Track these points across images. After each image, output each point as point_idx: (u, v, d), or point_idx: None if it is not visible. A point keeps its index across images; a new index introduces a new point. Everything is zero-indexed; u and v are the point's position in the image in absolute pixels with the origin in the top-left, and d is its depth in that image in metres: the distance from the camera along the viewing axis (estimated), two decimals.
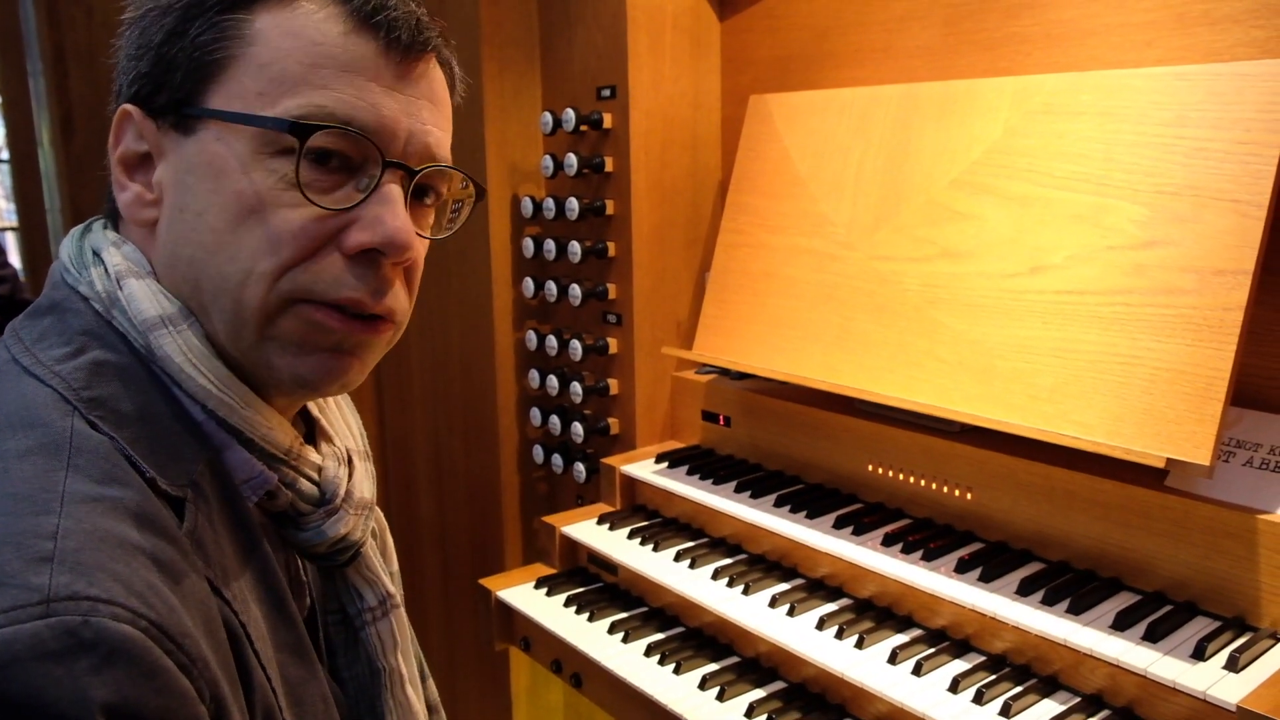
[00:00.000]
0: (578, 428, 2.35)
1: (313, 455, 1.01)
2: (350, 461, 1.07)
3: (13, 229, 4.37)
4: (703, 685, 1.65)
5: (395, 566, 1.22)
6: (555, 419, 2.42)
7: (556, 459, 2.43)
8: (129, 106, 0.94)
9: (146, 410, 0.88)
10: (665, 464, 2.16)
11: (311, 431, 1.10)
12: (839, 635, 1.60)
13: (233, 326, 0.92)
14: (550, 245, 2.34)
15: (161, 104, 0.93)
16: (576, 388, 2.33)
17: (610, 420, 2.32)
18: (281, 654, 0.93)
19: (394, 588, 1.14)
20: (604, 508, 2.21)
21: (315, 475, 1.01)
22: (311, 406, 1.11)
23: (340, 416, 1.15)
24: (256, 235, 0.90)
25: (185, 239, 0.92)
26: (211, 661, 0.78)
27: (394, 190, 0.94)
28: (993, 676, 1.46)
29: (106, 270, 0.93)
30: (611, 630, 1.84)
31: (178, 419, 0.90)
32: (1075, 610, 1.45)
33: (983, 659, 1.52)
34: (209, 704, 0.76)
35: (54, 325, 0.91)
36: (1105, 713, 1.38)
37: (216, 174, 0.90)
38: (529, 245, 2.41)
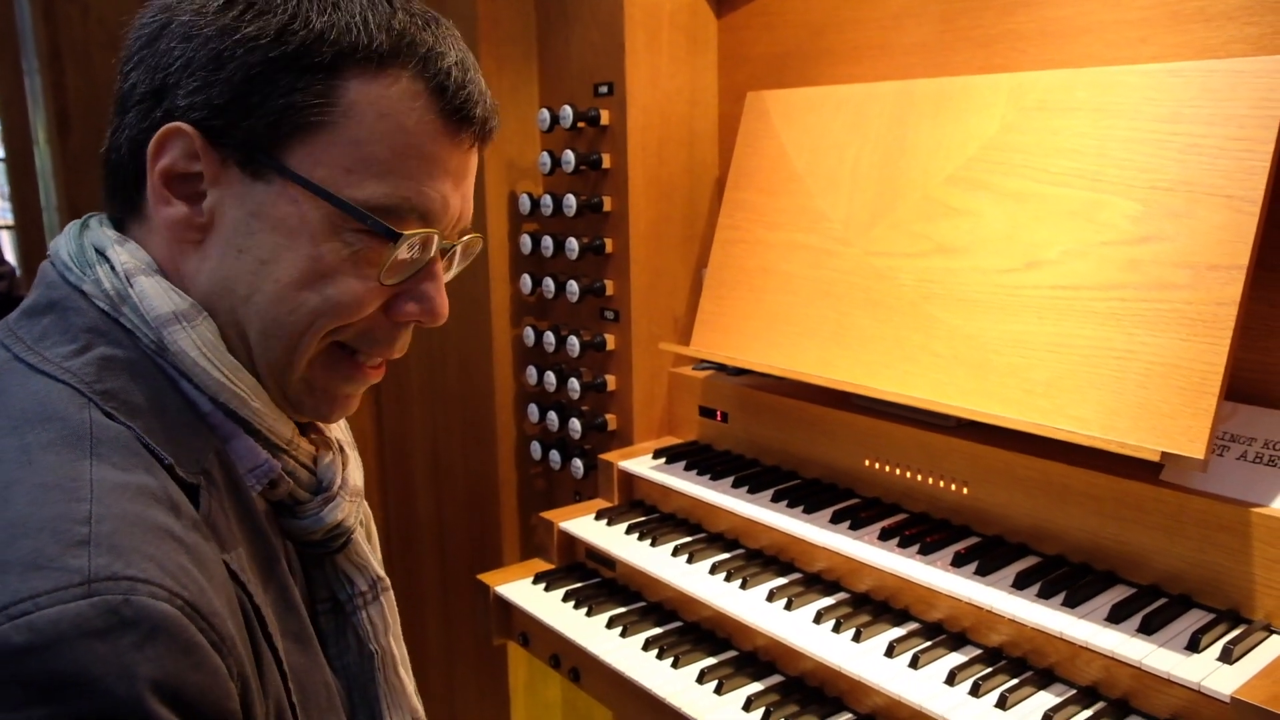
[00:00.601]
0: (575, 424, 2.35)
1: (308, 446, 1.05)
2: (342, 450, 1.12)
3: (9, 227, 4.37)
4: (701, 679, 1.66)
5: (379, 554, 1.24)
6: (553, 415, 2.42)
7: (554, 455, 2.44)
8: (185, 126, 0.91)
9: (156, 402, 0.90)
10: (663, 460, 2.16)
11: (302, 425, 1.12)
12: (836, 629, 1.60)
13: (280, 368, 0.97)
14: (548, 242, 2.35)
15: (233, 142, 0.92)
16: (574, 384, 2.34)
17: (608, 416, 2.33)
18: (286, 640, 0.95)
19: (382, 571, 1.17)
20: (602, 503, 2.21)
21: (312, 464, 1.05)
22: None
23: None
24: (322, 298, 0.95)
25: (242, 279, 0.94)
26: (237, 641, 0.81)
27: (439, 269, 1.02)
28: (989, 669, 1.47)
29: (114, 268, 0.93)
30: (610, 625, 1.85)
31: (186, 411, 0.92)
32: (1071, 603, 1.46)
33: (979, 652, 1.53)
34: (236, 681, 0.79)
35: (55, 324, 0.92)
36: (1101, 704, 1.39)
37: (289, 232, 0.93)
38: (526, 242, 2.41)
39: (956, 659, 1.52)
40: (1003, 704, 1.39)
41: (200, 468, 0.89)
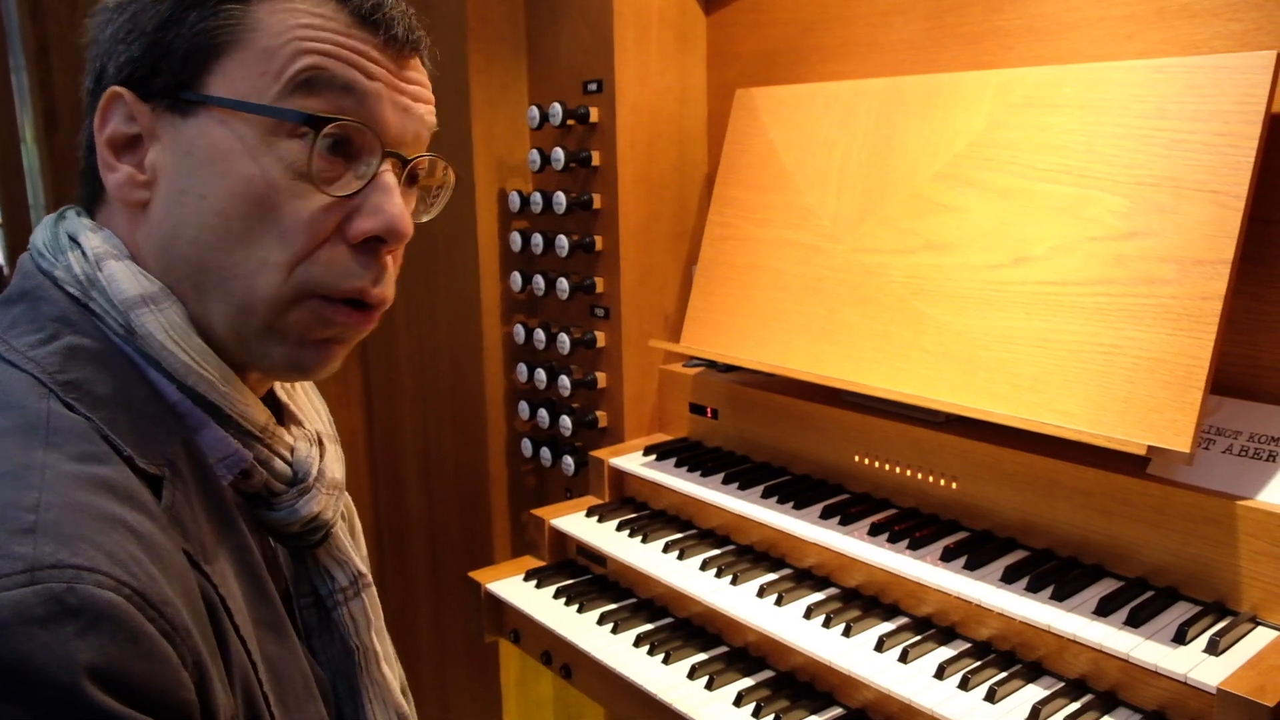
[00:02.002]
0: (566, 421, 2.36)
1: (286, 435, 1.03)
2: (321, 443, 1.10)
3: None
4: (692, 674, 1.66)
5: (364, 550, 1.23)
6: (543, 412, 2.42)
7: (545, 452, 2.44)
8: (120, 89, 0.94)
9: (122, 393, 0.89)
10: (653, 456, 2.17)
11: (279, 416, 1.11)
12: (826, 624, 1.61)
13: (239, 312, 0.94)
14: (537, 239, 2.35)
15: (157, 88, 0.93)
16: (564, 381, 2.34)
17: (598, 413, 2.33)
18: (260, 630, 0.94)
19: (365, 567, 1.15)
20: (592, 500, 2.22)
21: (288, 455, 1.03)
22: (279, 391, 1.13)
23: (308, 402, 1.17)
24: (268, 224, 0.92)
25: (187, 221, 0.93)
26: (193, 630, 0.80)
27: (390, 179, 0.97)
28: (978, 663, 1.48)
29: (85, 254, 0.94)
30: (601, 621, 1.85)
31: (152, 401, 0.92)
32: (1059, 597, 1.47)
33: (968, 646, 1.54)
34: (191, 670, 0.78)
35: (26, 313, 0.92)
36: (1088, 697, 1.40)
37: (221, 158, 0.92)
38: (516, 239, 2.41)
39: (946, 653, 1.53)
40: (991, 697, 1.40)
41: (165, 458, 0.89)
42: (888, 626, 1.61)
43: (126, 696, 0.71)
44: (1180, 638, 1.35)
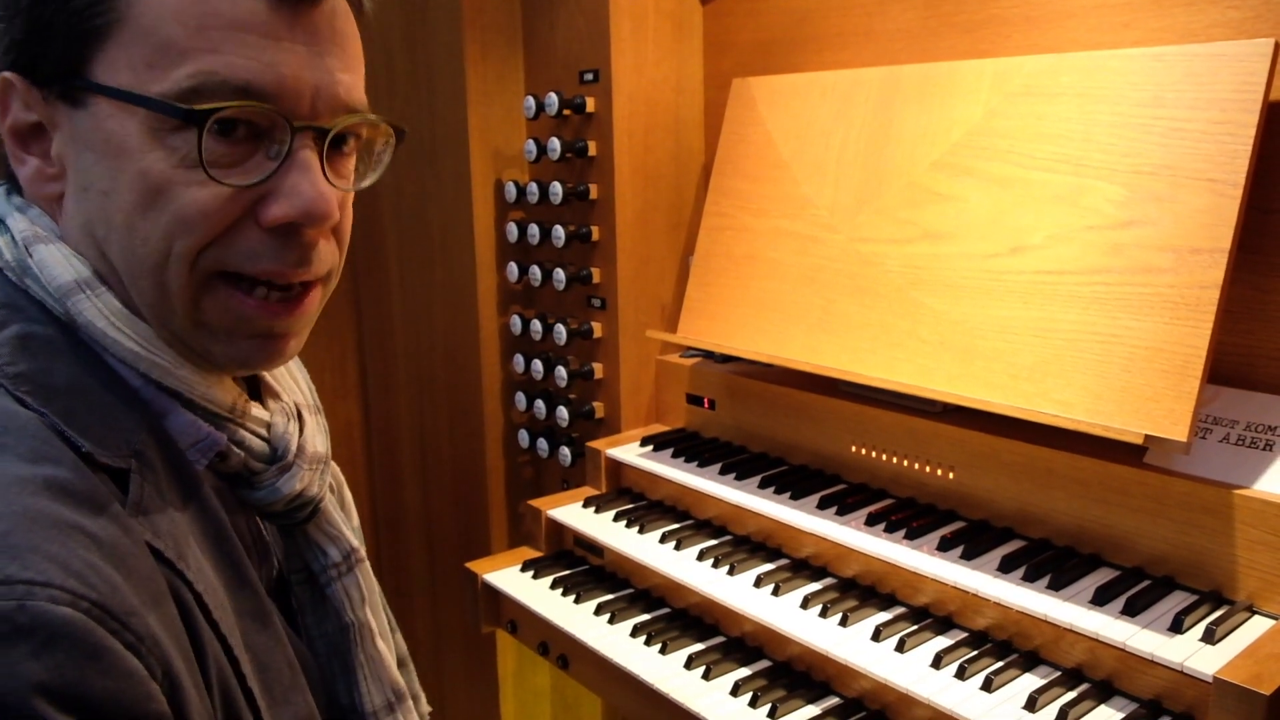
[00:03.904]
0: (563, 412, 2.35)
1: (259, 411, 0.98)
2: (300, 416, 1.05)
3: None
4: (689, 665, 1.66)
5: (356, 521, 1.20)
6: (540, 403, 2.42)
7: (542, 443, 2.44)
8: (9, 75, 0.87)
9: (77, 382, 0.85)
10: (650, 447, 2.17)
11: (256, 389, 1.06)
12: (823, 614, 1.61)
13: (159, 310, 0.89)
14: (534, 230, 2.34)
15: (45, 74, 0.86)
16: (561, 372, 2.34)
17: (595, 404, 2.33)
18: (243, 620, 0.90)
19: (357, 541, 1.12)
20: (589, 491, 2.22)
21: (264, 432, 0.98)
22: None
23: (286, 371, 1.11)
24: (167, 216, 0.85)
25: (95, 219, 0.88)
26: (161, 638, 0.76)
27: (307, 156, 0.89)
28: (975, 652, 1.48)
29: (14, 238, 0.89)
30: (598, 612, 1.85)
31: (112, 388, 0.87)
32: (1055, 586, 1.47)
33: (965, 635, 1.54)
34: (161, 680, 0.74)
35: None
36: (1085, 686, 1.40)
37: (115, 153, 0.85)
38: (513, 230, 2.41)
39: (943, 642, 1.53)
40: (988, 686, 1.40)
41: (131, 448, 0.84)
42: (884, 616, 1.60)
43: (88, 716, 0.68)
44: (1177, 627, 1.35)
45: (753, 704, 1.55)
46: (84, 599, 0.70)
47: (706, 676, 1.63)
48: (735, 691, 1.58)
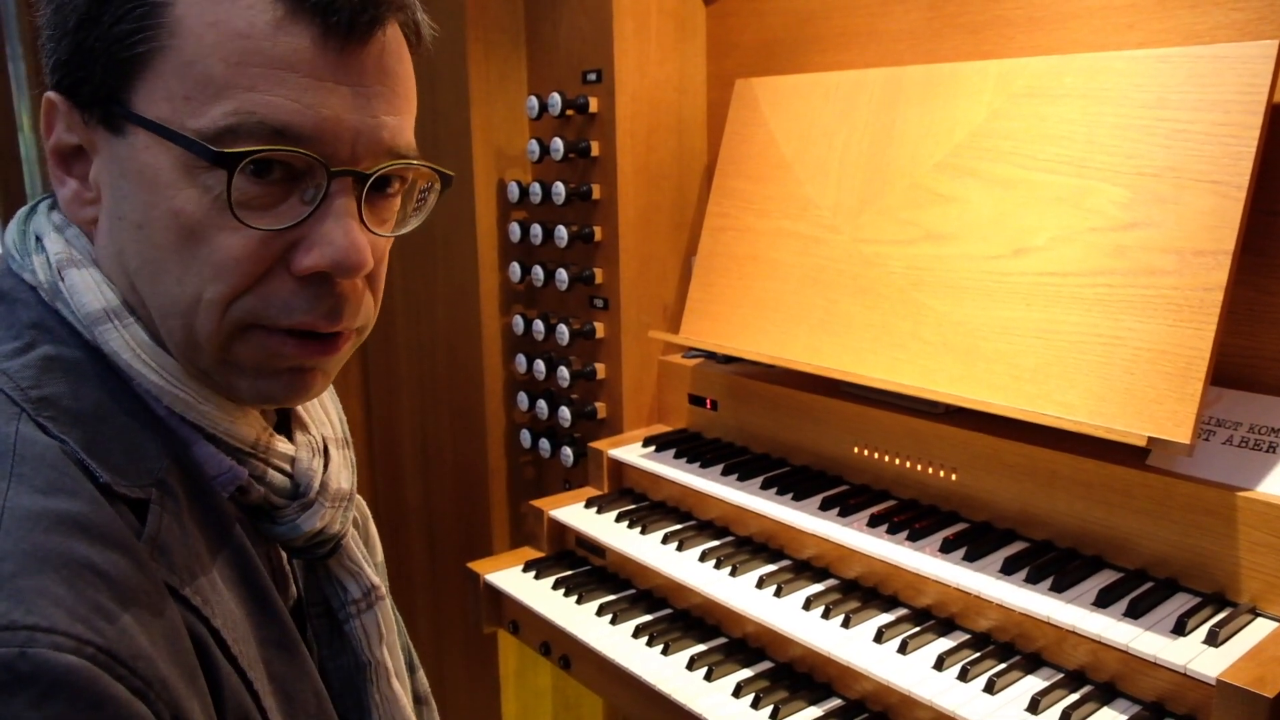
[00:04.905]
0: (565, 412, 2.35)
1: (283, 446, 0.96)
2: (326, 451, 1.02)
3: None
4: (691, 665, 1.66)
5: (380, 557, 1.18)
6: (542, 403, 2.42)
7: (544, 443, 2.44)
8: (54, 96, 0.86)
9: (101, 409, 0.83)
10: (652, 448, 2.16)
11: (285, 419, 1.03)
12: (825, 615, 1.61)
13: (187, 349, 0.87)
14: (536, 230, 2.34)
15: (87, 98, 0.84)
16: (563, 372, 2.34)
17: (597, 404, 2.33)
18: (267, 650, 0.89)
19: (379, 579, 1.10)
20: (591, 491, 2.22)
21: (287, 467, 0.96)
22: None
23: (319, 402, 1.09)
24: (201, 260, 0.83)
25: (128, 250, 0.86)
26: (171, 681, 0.74)
27: (343, 203, 0.85)
28: (977, 654, 1.48)
29: (48, 259, 0.88)
30: (600, 612, 1.85)
31: (137, 415, 0.85)
32: (1058, 588, 1.47)
33: (967, 637, 1.54)
34: None
35: (2, 317, 0.86)
36: (1088, 688, 1.39)
37: (150, 186, 0.83)
38: (515, 230, 2.41)
39: (945, 644, 1.53)
40: (991, 688, 1.40)
41: (154, 478, 0.82)
42: (887, 618, 1.60)
43: None
44: (1180, 629, 1.35)
45: (755, 705, 1.55)
46: (89, 644, 0.68)
47: (708, 677, 1.63)
48: (737, 693, 1.58)
